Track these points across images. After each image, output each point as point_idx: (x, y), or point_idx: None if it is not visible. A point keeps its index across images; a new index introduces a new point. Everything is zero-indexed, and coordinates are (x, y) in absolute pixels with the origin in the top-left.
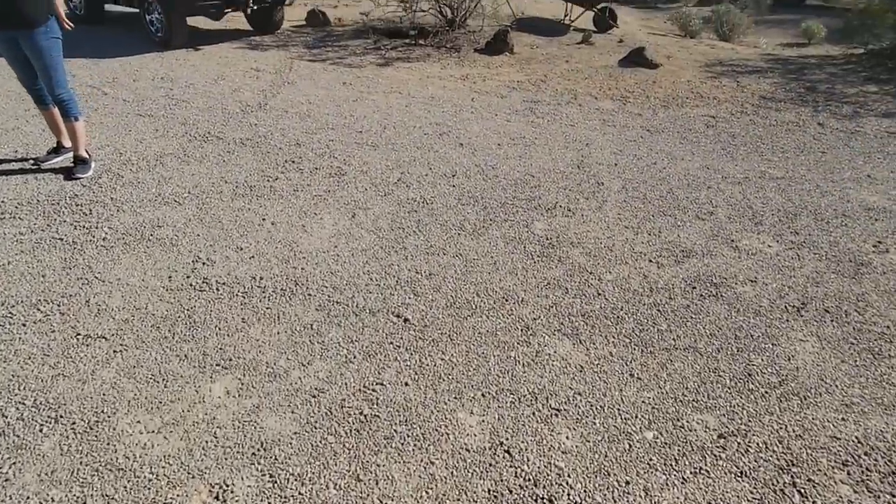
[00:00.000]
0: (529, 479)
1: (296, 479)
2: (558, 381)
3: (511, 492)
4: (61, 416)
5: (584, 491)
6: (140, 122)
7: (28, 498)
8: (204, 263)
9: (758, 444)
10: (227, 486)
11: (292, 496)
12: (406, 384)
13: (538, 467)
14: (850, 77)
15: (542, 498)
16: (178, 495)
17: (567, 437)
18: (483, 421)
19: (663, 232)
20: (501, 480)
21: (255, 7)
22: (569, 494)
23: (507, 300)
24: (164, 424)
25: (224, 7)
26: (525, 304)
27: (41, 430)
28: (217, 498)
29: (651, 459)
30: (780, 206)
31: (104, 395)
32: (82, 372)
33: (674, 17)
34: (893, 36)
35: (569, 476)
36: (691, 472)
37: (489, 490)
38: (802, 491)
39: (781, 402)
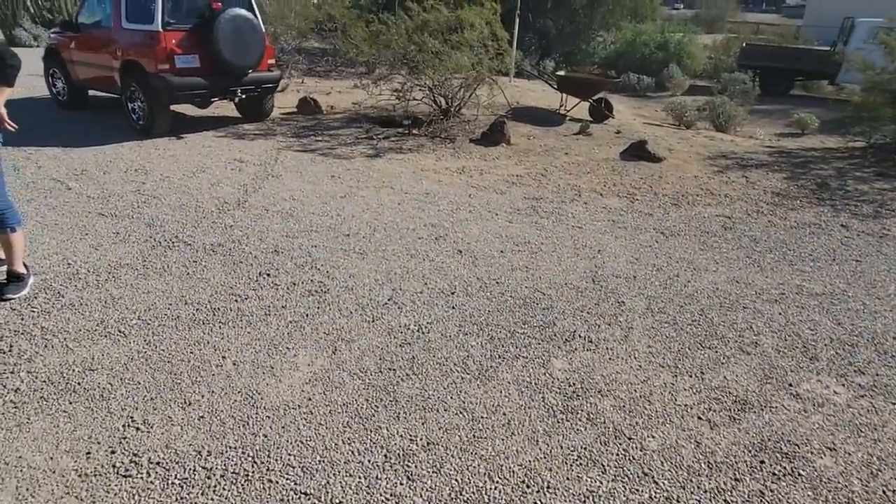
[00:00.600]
0: None
1: None
2: None
3: None
4: None
5: None
6: (101, 224)
7: None
8: (138, 429)
9: None
10: None
11: None
12: None
13: None
14: (858, 172)
15: None
16: None
17: None
18: None
19: (706, 373)
20: None
21: (244, 96)
22: None
23: (528, 486)
24: None
25: (210, 96)
26: (553, 493)
27: None
28: None
29: None
30: (832, 334)
31: None
32: None
33: (668, 108)
34: (894, 129)
35: None
36: None
37: None
38: None
39: None
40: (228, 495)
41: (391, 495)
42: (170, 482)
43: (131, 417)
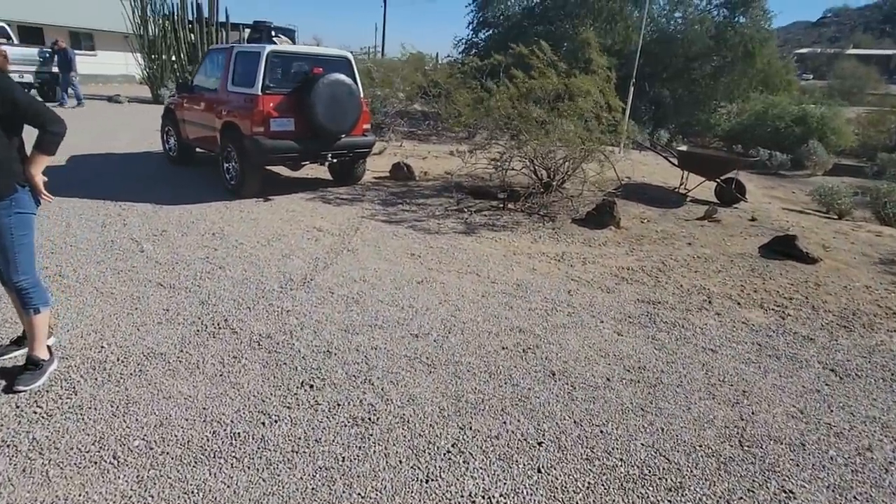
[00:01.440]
0: None
1: None
2: None
3: None
4: None
5: None
6: (155, 297)
7: None
8: None
9: None
10: None
11: None
12: None
13: None
14: None
15: None
16: None
17: None
18: None
19: None
20: None
21: (335, 160)
22: None
23: None
24: None
25: (302, 159)
26: None
27: None
28: None
29: None
30: None
31: None
32: None
33: (815, 192)
34: None
35: None
36: None
37: None
38: None
39: None
40: None
41: None
42: None
43: None
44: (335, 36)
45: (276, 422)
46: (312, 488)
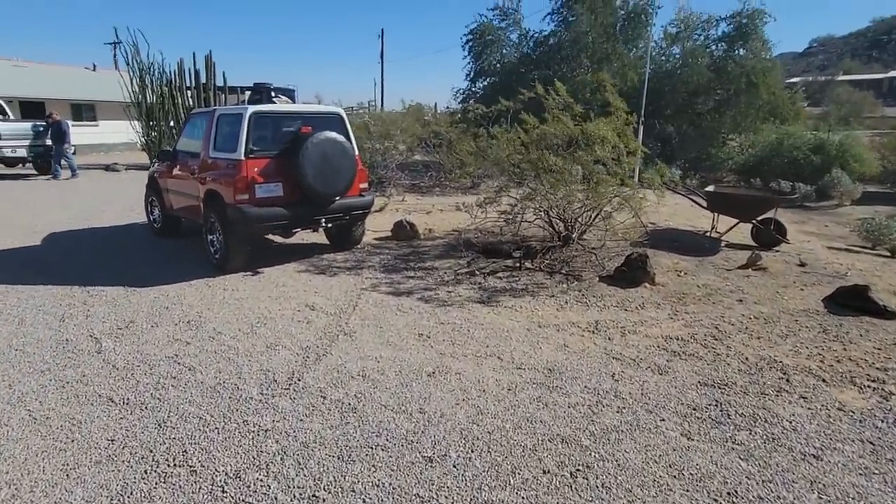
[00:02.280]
0: None
1: None
2: None
3: None
4: None
5: None
6: (99, 422)
7: None
8: None
9: None
10: None
11: None
12: None
13: None
14: None
15: None
16: None
17: None
18: None
19: None
20: None
21: (330, 225)
22: None
23: None
24: None
25: (292, 227)
26: None
27: None
28: None
29: None
30: None
31: None
32: None
33: (861, 228)
34: None
35: None
36: None
37: None
38: None
39: None
40: None
41: None
42: None
43: None
44: (335, 93)
45: None
46: None
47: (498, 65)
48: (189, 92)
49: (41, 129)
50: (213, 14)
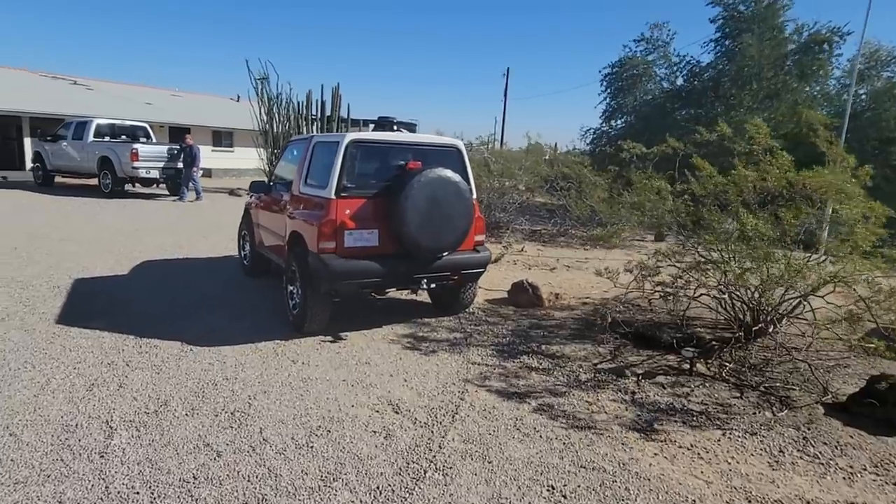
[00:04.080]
0: None
1: None
2: None
3: None
4: None
5: None
6: None
7: None
8: None
9: None
10: None
11: None
12: None
13: None
14: None
15: None
16: None
17: None
18: None
19: None
20: None
21: (433, 286)
22: None
23: None
24: None
25: (385, 286)
26: None
27: None
28: None
29: None
30: None
31: None
32: None
33: None
34: None
35: None
36: None
37: None
38: None
39: None
40: None
41: None
42: None
43: None
44: (455, 128)
45: None
46: None
47: (636, 103)
48: (315, 123)
49: (175, 152)
50: (339, 47)
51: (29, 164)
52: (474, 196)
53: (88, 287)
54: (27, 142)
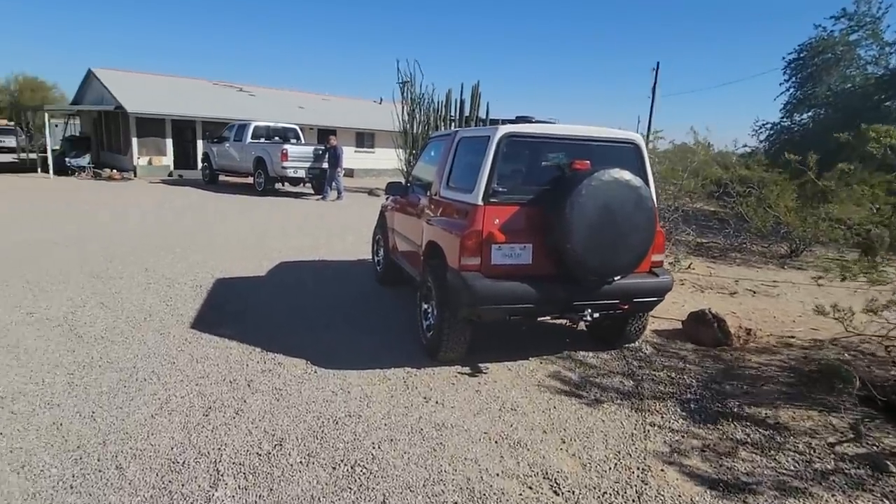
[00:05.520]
0: None
1: None
2: None
3: None
4: None
5: None
6: None
7: None
8: None
9: None
10: None
11: None
12: None
13: None
14: None
15: None
16: None
17: None
18: None
19: None
20: None
21: (598, 315)
22: None
23: None
24: None
25: (539, 314)
26: None
27: None
28: None
29: None
30: None
31: None
32: None
33: None
34: None
35: None
36: None
37: None
38: None
39: None
40: None
41: None
42: None
43: None
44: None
45: None
46: None
47: (830, 93)
48: (453, 123)
49: (320, 152)
50: (478, 46)
51: (199, 164)
52: (655, 204)
53: (226, 288)
54: (199, 144)
